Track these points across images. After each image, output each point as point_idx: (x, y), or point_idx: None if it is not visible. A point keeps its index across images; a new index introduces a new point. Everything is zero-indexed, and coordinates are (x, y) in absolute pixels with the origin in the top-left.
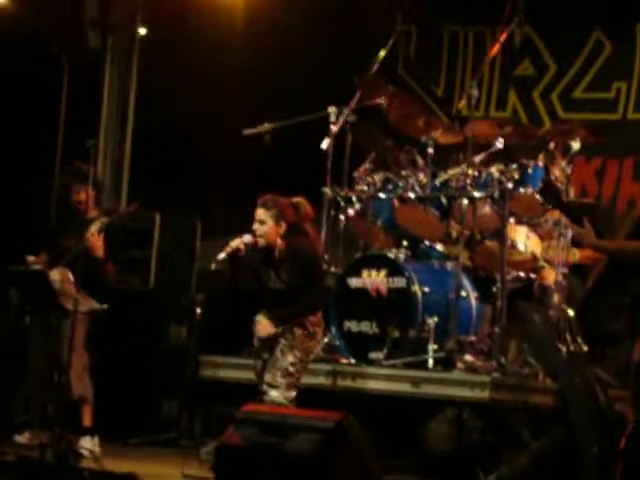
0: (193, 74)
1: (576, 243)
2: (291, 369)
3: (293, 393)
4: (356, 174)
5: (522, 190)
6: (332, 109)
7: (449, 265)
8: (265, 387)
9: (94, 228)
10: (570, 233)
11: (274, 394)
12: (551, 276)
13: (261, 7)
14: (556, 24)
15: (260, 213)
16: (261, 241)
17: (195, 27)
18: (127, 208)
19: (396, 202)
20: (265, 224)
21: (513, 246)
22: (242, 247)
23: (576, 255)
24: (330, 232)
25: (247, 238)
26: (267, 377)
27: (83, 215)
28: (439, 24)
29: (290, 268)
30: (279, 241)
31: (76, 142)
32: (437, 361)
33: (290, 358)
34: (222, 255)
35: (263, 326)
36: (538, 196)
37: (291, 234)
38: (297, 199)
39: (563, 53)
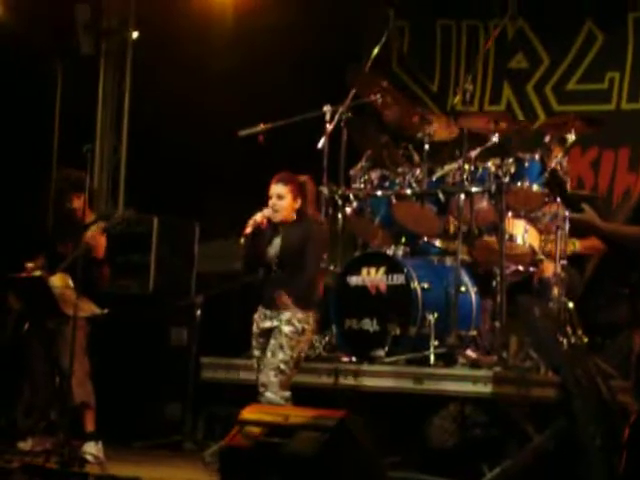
0: (187, 76)
1: (575, 233)
2: (283, 367)
3: (287, 393)
4: (353, 172)
5: (519, 184)
6: (327, 108)
7: (448, 260)
8: (261, 388)
9: (94, 229)
10: (568, 225)
11: (269, 395)
12: (550, 269)
13: (252, 6)
14: (548, 16)
15: (279, 188)
16: (277, 216)
17: (187, 29)
18: (124, 214)
19: (393, 199)
20: (284, 199)
21: (511, 240)
22: (264, 221)
23: (576, 245)
24: (328, 230)
25: (267, 212)
26: (261, 378)
27: (79, 221)
28: (432, 18)
29: (294, 236)
30: (293, 216)
31: (72, 147)
32: (438, 357)
33: (281, 356)
34: (249, 230)
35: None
36: (538, 188)
37: (301, 211)
38: (302, 178)
39: (556, 45)
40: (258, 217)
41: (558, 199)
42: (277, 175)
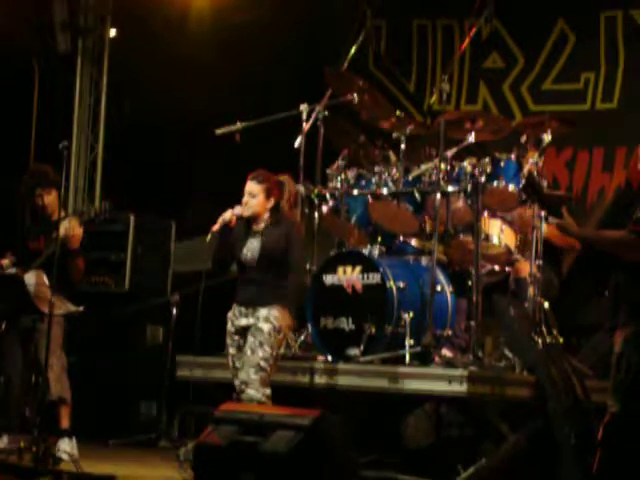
0: (164, 75)
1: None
2: (263, 364)
3: (268, 390)
4: (329, 171)
5: (495, 183)
6: (304, 107)
7: (424, 260)
8: (242, 386)
9: (73, 221)
10: (544, 227)
11: (251, 392)
12: (526, 269)
13: (230, 5)
14: (521, 15)
15: (252, 186)
16: (248, 211)
17: (165, 28)
18: (102, 205)
19: (370, 198)
20: (256, 197)
21: (487, 239)
22: (233, 219)
23: (544, 230)
24: (304, 229)
25: (238, 210)
26: (242, 376)
27: (50, 217)
28: (408, 18)
29: (274, 237)
30: (266, 215)
31: (48, 145)
32: (414, 356)
33: (260, 354)
34: (216, 227)
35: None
36: (514, 190)
37: (276, 211)
38: (282, 177)
39: (530, 45)
40: (227, 215)
41: (536, 203)
42: (253, 172)
